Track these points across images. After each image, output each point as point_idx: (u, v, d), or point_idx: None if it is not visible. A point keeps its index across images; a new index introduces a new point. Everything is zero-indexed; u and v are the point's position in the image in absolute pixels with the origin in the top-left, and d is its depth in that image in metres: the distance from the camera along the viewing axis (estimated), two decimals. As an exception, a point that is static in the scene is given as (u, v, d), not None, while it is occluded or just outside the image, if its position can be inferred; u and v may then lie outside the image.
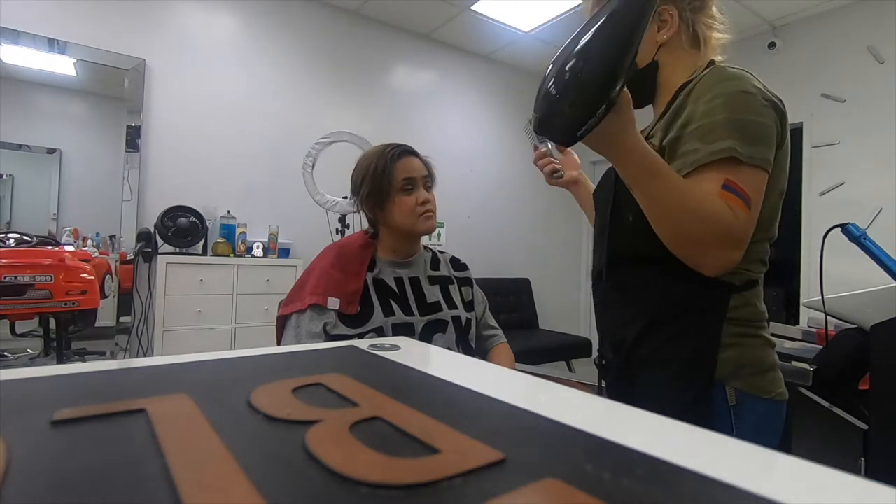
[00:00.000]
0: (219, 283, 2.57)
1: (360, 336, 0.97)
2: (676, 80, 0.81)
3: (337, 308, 0.97)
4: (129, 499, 0.22)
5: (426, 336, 1.02)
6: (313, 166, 2.52)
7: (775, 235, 0.79)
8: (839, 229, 1.46)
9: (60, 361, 1.81)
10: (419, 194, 1.05)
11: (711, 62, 0.80)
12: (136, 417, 0.31)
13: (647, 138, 0.82)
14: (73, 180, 2.63)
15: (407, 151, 1.07)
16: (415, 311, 1.03)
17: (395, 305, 1.02)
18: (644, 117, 0.76)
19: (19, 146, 2.51)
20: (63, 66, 2.56)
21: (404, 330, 1.00)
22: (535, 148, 0.92)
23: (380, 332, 0.98)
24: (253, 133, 3.02)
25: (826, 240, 1.40)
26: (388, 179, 1.03)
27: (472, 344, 1.11)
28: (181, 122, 2.79)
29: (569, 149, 1.02)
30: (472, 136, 3.96)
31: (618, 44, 0.56)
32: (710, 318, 0.74)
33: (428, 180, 1.08)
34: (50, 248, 1.77)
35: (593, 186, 0.98)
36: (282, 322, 1.03)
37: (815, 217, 3.19)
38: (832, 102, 3.13)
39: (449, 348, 1.03)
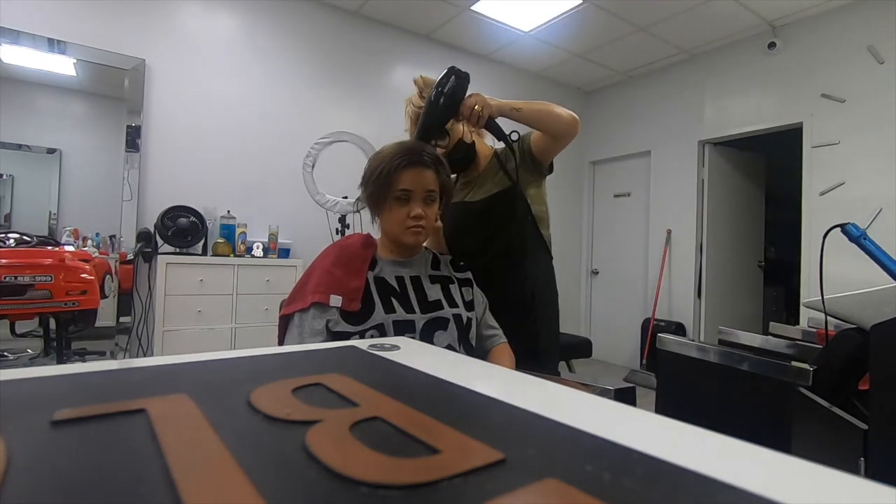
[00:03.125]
0: (219, 283, 2.57)
1: (362, 333, 0.97)
2: (487, 150, 1.36)
3: (339, 305, 0.98)
4: (129, 499, 0.22)
5: (427, 333, 1.02)
6: (313, 166, 2.52)
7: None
8: (839, 229, 1.46)
9: (60, 361, 1.80)
10: (412, 208, 1.03)
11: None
12: (136, 417, 0.31)
13: (473, 186, 1.34)
14: (73, 180, 2.62)
15: (417, 162, 1.03)
16: (416, 308, 1.04)
17: (395, 303, 1.02)
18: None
19: (19, 146, 2.51)
20: (63, 66, 2.56)
21: (405, 327, 1.00)
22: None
23: (381, 329, 0.98)
24: (253, 133, 3.02)
25: (826, 240, 1.40)
26: (387, 186, 1.02)
27: (472, 343, 1.11)
28: (181, 122, 2.79)
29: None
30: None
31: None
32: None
33: (431, 195, 1.05)
34: (50, 248, 1.77)
35: None
36: (284, 322, 1.04)
37: (815, 217, 3.19)
38: (832, 102, 3.13)
39: (450, 346, 1.03)
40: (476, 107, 1.12)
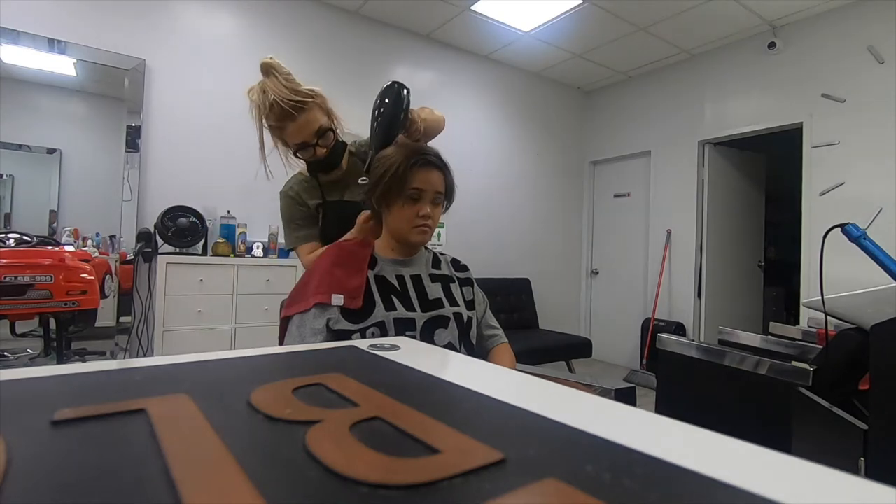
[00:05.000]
0: (219, 283, 2.57)
1: (362, 331, 0.97)
2: None
3: (341, 304, 0.98)
4: (129, 499, 0.22)
5: (427, 332, 1.02)
6: (313, 166, 2.51)
7: None
8: (839, 229, 1.46)
9: (60, 361, 1.81)
10: (421, 207, 1.05)
11: None
12: (136, 417, 0.31)
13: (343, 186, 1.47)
14: (73, 180, 2.62)
15: (430, 163, 1.06)
16: (416, 306, 1.04)
17: (396, 301, 1.02)
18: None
19: (19, 146, 2.51)
20: (63, 66, 2.56)
21: (406, 325, 1.00)
22: None
23: (381, 326, 0.99)
24: (253, 133, 3.01)
25: (826, 240, 1.40)
26: (400, 184, 1.04)
27: (473, 342, 1.11)
28: (181, 122, 2.79)
29: None
30: (472, 137, 3.95)
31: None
32: None
33: (439, 196, 1.08)
34: (50, 248, 1.77)
35: None
36: (285, 323, 1.04)
37: (815, 217, 3.19)
38: (832, 102, 3.13)
39: (450, 344, 1.04)
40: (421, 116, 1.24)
